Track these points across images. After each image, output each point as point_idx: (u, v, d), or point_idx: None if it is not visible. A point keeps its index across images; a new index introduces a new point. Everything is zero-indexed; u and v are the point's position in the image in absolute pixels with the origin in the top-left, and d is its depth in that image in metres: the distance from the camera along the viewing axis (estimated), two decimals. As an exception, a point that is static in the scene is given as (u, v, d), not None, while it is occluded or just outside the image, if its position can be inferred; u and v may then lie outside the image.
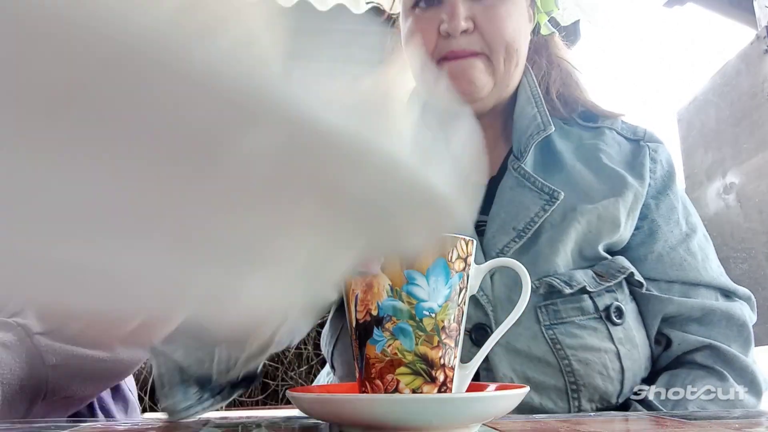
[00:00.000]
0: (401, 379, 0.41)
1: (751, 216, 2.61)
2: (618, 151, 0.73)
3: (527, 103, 0.74)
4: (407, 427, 0.42)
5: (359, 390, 0.45)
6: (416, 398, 0.42)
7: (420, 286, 0.40)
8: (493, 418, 0.46)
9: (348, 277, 0.42)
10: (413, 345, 0.41)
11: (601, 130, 0.75)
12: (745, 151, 2.62)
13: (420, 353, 0.41)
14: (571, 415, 0.64)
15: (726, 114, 2.76)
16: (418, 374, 0.41)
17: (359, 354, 0.43)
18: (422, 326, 0.41)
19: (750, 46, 2.61)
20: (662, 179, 0.72)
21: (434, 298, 0.41)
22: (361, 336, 0.42)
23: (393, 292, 0.40)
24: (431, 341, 0.41)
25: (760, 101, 2.53)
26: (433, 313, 0.41)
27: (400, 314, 0.40)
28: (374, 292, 0.41)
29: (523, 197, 0.68)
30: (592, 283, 0.64)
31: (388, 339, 0.41)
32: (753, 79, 2.57)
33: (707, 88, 2.93)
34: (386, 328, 0.41)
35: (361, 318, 0.42)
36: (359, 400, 0.43)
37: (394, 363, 0.41)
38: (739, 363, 0.65)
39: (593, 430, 0.47)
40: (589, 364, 0.62)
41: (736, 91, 2.68)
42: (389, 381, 0.41)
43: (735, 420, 0.55)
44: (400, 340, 0.41)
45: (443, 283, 0.41)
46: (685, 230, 0.71)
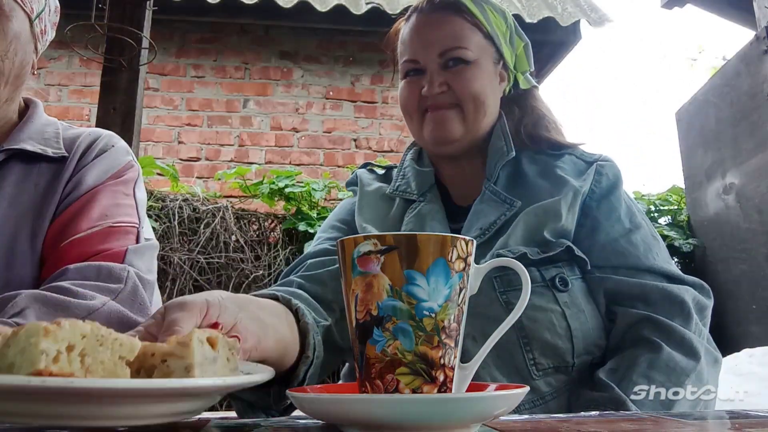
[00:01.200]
0: (401, 379, 0.41)
1: (751, 216, 2.61)
2: (572, 168, 0.93)
3: (498, 139, 0.95)
4: (407, 427, 0.42)
5: (359, 390, 0.45)
6: (416, 398, 0.42)
7: (420, 286, 0.41)
8: (493, 418, 0.46)
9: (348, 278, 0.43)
10: (413, 345, 0.41)
11: (563, 154, 0.95)
12: (745, 152, 2.62)
13: (420, 353, 0.41)
14: (571, 415, 0.65)
15: (726, 114, 2.76)
16: (418, 374, 0.41)
17: (359, 354, 0.43)
18: (422, 326, 0.41)
19: (750, 46, 2.61)
20: (606, 187, 0.90)
21: (434, 298, 0.41)
22: (361, 336, 0.42)
23: (393, 292, 0.40)
24: (431, 341, 0.41)
25: (760, 102, 2.53)
26: (433, 313, 0.41)
27: (400, 314, 0.41)
28: (374, 292, 0.41)
29: (489, 207, 0.88)
30: (534, 253, 0.80)
31: (388, 339, 0.41)
32: (753, 79, 2.57)
33: (707, 89, 2.93)
34: (386, 328, 0.41)
35: (361, 318, 0.42)
36: (359, 400, 0.43)
37: (394, 363, 0.41)
38: (677, 333, 0.77)
39: (593, 430, 0.47)
40: (537, 320, 0.77)
41: (736, 92, 2.68)
42: (389, 381, 0.41)
43: (735, 420, 0.55)
44: (400, 340, 0.41)
45: (443, 283, 0.41)
46: (627, 226, 0.87)
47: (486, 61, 0.93)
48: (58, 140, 0.88)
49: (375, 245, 0.41)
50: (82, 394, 0.36)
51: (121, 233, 0.82)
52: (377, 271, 0.41)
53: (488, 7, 0.95)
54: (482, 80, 0.91)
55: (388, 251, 0.41)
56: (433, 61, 0.91)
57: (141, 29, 1.98)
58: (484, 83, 0.91)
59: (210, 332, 0.45)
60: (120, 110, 1.97)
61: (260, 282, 2.56)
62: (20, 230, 0.80)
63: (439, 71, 0.91)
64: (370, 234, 0.43)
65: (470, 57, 0.91)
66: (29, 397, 0.36)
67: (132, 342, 0.42)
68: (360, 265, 0.42)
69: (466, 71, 0.90)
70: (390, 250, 0.41)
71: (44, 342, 0.37)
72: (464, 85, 0.90)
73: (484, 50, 0.93)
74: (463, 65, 0.91)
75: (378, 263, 0.41)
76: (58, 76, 3.83)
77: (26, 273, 0.79)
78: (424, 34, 0.92)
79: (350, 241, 0.43)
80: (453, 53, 0.90)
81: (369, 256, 0.41)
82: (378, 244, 0.41)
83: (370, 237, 0.42)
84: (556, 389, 0.78)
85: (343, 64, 4.11)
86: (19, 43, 0.82)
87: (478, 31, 0.93)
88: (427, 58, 0.91)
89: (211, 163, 3.82)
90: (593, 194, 0.90)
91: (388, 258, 0.41)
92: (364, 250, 0.42)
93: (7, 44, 0.80)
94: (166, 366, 0.42)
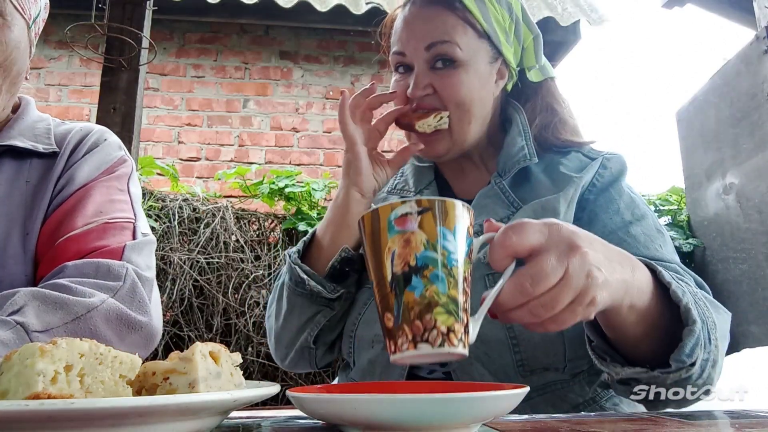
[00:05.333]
0: (438, 317, 0.47)
1: (751, 216, 2.61)
2: (577, 165, 0.91)
3: (518, 135, 0.92)
4: (407, 427, 0.42)
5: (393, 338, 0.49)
6: (416, 398, 0.42)
7: (449, 240, 0.48)
8: (493, 418, 0.46)
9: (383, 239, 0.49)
10: (446, 289, 0.47)
11: (569, 152, 0.94)
12: (745, 152, 2.62)
13: (451, 296, 0.47)
14: (571, 415, 0.65)
15: (726, 114, 2.76)
16: (450, 314, 0.47)
17: (395, 302, 0.48)
18: (452, 274, 0.48)
19: (750, 46, 2.60)
20: (608, 180, 0.88)
21: (459, 252, 0.49)
22: (397, 287, 0.48)
23: (429, 245, 0.48)
24: (458, 287, 0.48)
25: (760, 101, 2.53)
26: (459, 264, 0.48)
27: (435, 263, 0.47)
28: (412, 246, 0.48)
29: (495, 204, 0.87)
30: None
31: (425, 284, 0.47)
32: (752, 79, 2.57)
33: (707, 89, 2.93)
34: (424, 275, 0.47)
35: (398, 270, 0.48)
36: (359, 400, 0.43)
37: (431, 304, 0.47)
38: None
39: (593, 430, 0.47)
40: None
41: (736, 92, 2.67)
42: (428, 320, 0.47)
43: (735, 420, 0.55)
44: (436, 285, 0.47)
45: (464, 241, 0.50)
46: (627, 219, 0.84)
47: (478, 62, 0.89)
48: (49, 136, 0.87)
49: (412, 207, 0.48)
50: (83, 417, 0.33)
51: (117, 229, 0.82)
52: (415, 229, 0.48)
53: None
54: (470, 84, 0.87)
55: (424, 212, 0.48)
56: (420, 56, 0.88)
57: (141, 29, 1.98)
58: (471, 87, 0.88)
59: (213, 346, 0.43)
60: (120, 110, 1.97)
61: (260, 282, 2.56)
62: (12, 228, 0.80)
63: (426, 71, 0.88)
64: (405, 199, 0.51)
65: (459, 55, 0.87)
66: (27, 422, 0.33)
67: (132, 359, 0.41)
68: (397, 225, 0.48)
69: (453, 75, 0.87)
70: (425, 211, 0.48)
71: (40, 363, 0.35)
72: (450, 91, 0.87)
73: (476, 49, 0.89)
74: (450, 67, 0.87)
75: (416, 222, 0.48)
76: (58, 76, 3.83)
77: (18, 271, 0.78)
78: (412, 27, 0.89)
79: (386, 207, 0.49)
80: (440, 48, 0.87)
81: (406, 216, 0.48)
82: (415, 206, 0.48)
83: (406, 201, 0.49)
84: (543, 386, 0.77)
85: (343, 64, 4.11)
86: (18, 52, 0.81)
87: (470, 29, 0.88)
88: (414, 53, 0.88)
89: (211, 163, 3.82)
90: (593, 187, 0.88)
91: (424, 218, 0.48)
92: (402, 211, 0.48)
93: (7, 54, 0.79)
94: (169, 384, 0.40)
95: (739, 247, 2.71)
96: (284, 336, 0.91)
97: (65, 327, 0.68)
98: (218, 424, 0.44)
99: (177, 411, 0.37)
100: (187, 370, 0.40)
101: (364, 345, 0.86)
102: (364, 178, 0.87)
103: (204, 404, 0.38)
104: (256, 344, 2.49)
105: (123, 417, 0.34)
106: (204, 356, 0.41)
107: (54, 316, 0.68)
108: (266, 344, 2.49)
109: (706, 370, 0.62)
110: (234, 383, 0.44)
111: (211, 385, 0.40)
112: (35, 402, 0.32)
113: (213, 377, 0.41)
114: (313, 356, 0.92)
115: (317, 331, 0.88)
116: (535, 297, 0.50)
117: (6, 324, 0.64)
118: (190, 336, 2.44)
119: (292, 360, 0.93)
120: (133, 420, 0.35)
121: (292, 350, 0.91)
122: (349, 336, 0.89)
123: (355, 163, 0.87)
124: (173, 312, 2.43)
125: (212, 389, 0.40)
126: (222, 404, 0.39)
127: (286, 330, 0.90)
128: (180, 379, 0.40)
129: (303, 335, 0.88)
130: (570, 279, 0.50)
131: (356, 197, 0.87)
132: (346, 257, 0.84)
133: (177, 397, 0.37)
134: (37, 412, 0.31)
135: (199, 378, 0.40)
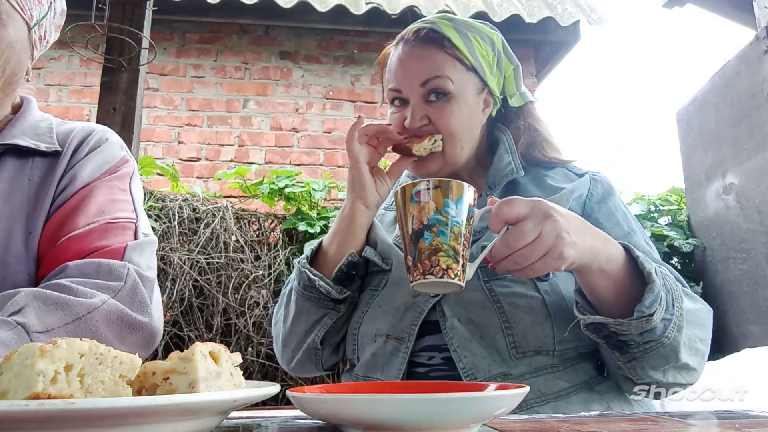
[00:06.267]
0: (441, 259, 0.67)
1: (751, 216, 2.61)
2: (563, 178, 1.01)
3: (505, 152, 1.04)
4: (407, 427, 0.42)
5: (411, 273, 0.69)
6: (416, 398, 0.42)
7: (452, 208, 0.68)
8: (493, 418, 0.46)
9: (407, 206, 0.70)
10: (448, 240, 0.67)
11: (554, 167, 1.04)
12: (745, 152, 2.62)
13: (451, 245, 0.67)
14: (571, 415, 0.65)
15: (726, 114, 2.76)
16: (450, 257, 0.67)
17: (413, 249, 0.69)
18: (453, 231, 0.68)
19: (750, 46, 2.60)
20: (602, 194, 0.98)
21: (459, 216, 0.69)
22: (415, 238, 0.68)
23: (437, 211, 0.68)
24: (457, 240, 0.68)
25: (760, 102, 2.53)
26: (459, 224, 0.68)
27: (440, 223, 0.68)
28: (425, 211, 0.68)
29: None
30: None
31: (433, 237, 0.67)
32: (752, 79, 2.57)
33: (707, 89, 2.93)
34: (432, 231, 0.67)
35: (416, 227, 0.69)
36: (359, 400, 0.43)
37: (437, 250, 0.67)
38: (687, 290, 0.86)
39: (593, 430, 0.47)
40: (518, 306, 0.85)
41: (736, 92, 2.67)
42: (434, 260, 0.67)
43: (735, 420, 0.55)
44: (441, 237, 0.67)
45: (465, 210, 0.69)
46: (626, 229, 0.94)
47: (467, 93, 0.97)
48: (51, 135, 0.87)
49: (427, 185, 0.69)
50: (83, 417, 0.33)
51: (119, 229, 0.82)
52: (428, 199, 0.68)
53: (474, 36, 0.99)
54: (461, 114, 0.96)
55: (435, 188, 0.69)
56: (416, 91, 0.96)
57: (141, 29, 1.98)
58: (463, 117, 0.96)
59: (213, 346, 0.43)
60: (120, 110, 1.97)
61: (260, 282, 2.56)
62: (15, 226, 0.80)
63: (421, 104, 0.96)
64: (424, 179, 0.71)
65: (450, 88, 0.95)
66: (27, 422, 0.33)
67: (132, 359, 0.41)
68: (416, 197, 0.69)
69: (446, 107, 0.95)
70: (437, 187, 0.69)
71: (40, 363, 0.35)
72: (443, 121, 0.95)
73: (465, 82, 0.97)
74: (444, 100, 0.95)
75: (429, 195, 0.68)
76: (58, 76, 3.83)
77: (21, 270, 0.78)
78: (407, 66, 0.97)
79: (410, 185, 0.70)
80: (434, 82, 0.95)
81: (422, 191, 0.69)
82: (430, 184, 0.69)
83: (423, 181, 0.69)
84: (535, 370, 0.83)
85: (343, 64, 4.11)
86: (13, 52, 0.81)
87: (459, 63, 0.97)
88: (410, 89, 0.97)
89: (211, 163, 3.82)
90: (592, 198, 0.97)
91: (435, 192, 0.68)
92: (421, 188, 0.69)
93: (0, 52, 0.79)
94: (169, 384, 0.40)
95: (739, 247, 2.71)
96: (291, 339, 0.98)
97: (66, 328, 0.68)
98: (218, 424, 0.44)
99: (177, 411, 0.37)
100: (187, 370, 0.40)
101: (367, 340, 0.93)
102: (368, 192, 0.95)
103: (204, 404, 0.38)
104: (256, 344, 2.49)
105: (123, 417, 0.34)
106: (204, 356, 0.41)
107: (55, 317, 0.68)
108: (266, 344, 2.49)
109: (669, 330, 0.74)
110: (234, 383, 0.44)
111: (211, 386, 0.40)
112: (35, 402, 0.32)
113: (213, 377, 0.41)
114: (320, 357, 0.98)
115: (324, 332, 0.95)
116: (516, 250, 0.68)
117: (7, 324, 0.64)
118: (190, 336, 2.45)
119: (299, 362, 1.00)
120: (133, 420, 0.35)
121: (299, 352, 0.98)
122: (353, 334, 0.95)
123: (359, 179, 0.95)
124: (173, 312, 2.43)
125: (212, 389, 0.40)
126: (222, 404, 0.39)
127: (294, 333, 0.97)
128: (180, 379, 0.40)
129: (310, 337, 0.96)
130: (543, 238, 0.67)
131: (362, 209, 0.96)
132: (352, 261, 0.93)
133: (177, 397, 0.36)
134: (37, 412, 0.31)
135: (199, 378, 0.40)
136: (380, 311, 0.92)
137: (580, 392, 0.83)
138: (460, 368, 0.83)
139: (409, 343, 0.87)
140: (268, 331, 2.49)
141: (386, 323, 0.90)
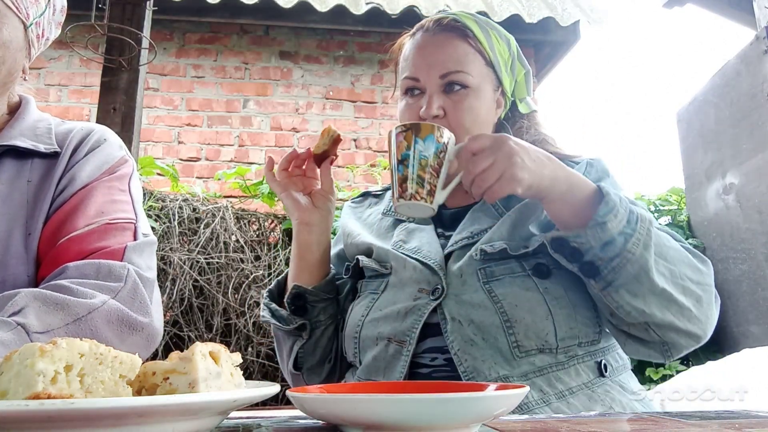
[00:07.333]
0: (410, 185, 0.79)
1: (751, 216, 2.60)
2: None
3: None
4: (407, 427, 0.42)
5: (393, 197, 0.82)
6: (416, 398, 0.42)
7: (419, 144, 0.80)
8: (493, 418, 0.46)
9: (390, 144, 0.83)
10: (416, 170, 0.80)
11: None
12: (745, 152, 2.62)
13: (419, 175, 0.80)
14: (571, 415, 0.65)
15: (726, 114, 2.76)
16: (418, 184, 0.80)
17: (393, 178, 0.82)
18: (420, 164, 0.80)
19: (750, 46, 2.60)
20: (595, 177, 0.97)
21: (427, 150, 0.80)
22: (394, 170, 0.82)
23: (408, 147, 0.80)
24: (424, 170, 0.80)
25: (760, 102, 2.53)
26: (426, 157, 0.80)
27: (411, 156, 0.80)
28: (402, 147, 0.81)
29: (485, 215, 0.97)
30: (515, 247, 0.89)
31: (404, 168, 0.80)
32: (752, 79, 2.57)
33: (707, 89, 2.93)
34: (404, 164, 0.80)
35: (395, 161, 0.81)
36: (359, 400, 0.43)
37: (407, 178, 0.80)
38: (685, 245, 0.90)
39: (593, 430, 0.47)
40: (519, 305, 0.85)
41: (736, 92, 2.67)
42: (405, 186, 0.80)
43: (735, 420, 0.55)
44: (410, 169, 0.80)
45: (432, 145, 0.81)
46: None
47: (486, 88, 0.96)
48: (50, 136, 0.87)
49: (402, 128, 0.82)
50: (83, 417, 0.33)
51: (118, 230, 0.82)
52: (402, 140, 0.81)
53: (493, 33, 0.98)
54: (479, 110, 0.95)
55: (407, 130, 0.81)
56: (434, 82, 0.94)
57: (141, 29, 1.98)
58: (480, 113, 0.95)
59: (213, 346, 0.43)
60: (120, 110, 1.97)
61: (260, 282, 2.56)
62: (14, 228, 0.79)
63: (439, 94, 0.94)
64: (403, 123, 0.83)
65: (470, 82, 0.94)
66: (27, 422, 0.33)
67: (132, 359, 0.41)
68: (395, 138, 0.82)
69: (464, 100, 0.94)
70: (408, 129, 0.81)
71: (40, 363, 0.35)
72: (460, 115, 0.93)
73: (485, 77, 0.96)
74: (463, 91, 0.94)
75: (402, 136, 0.81)
76: (58, 76, 3.83)
77: (21, 271, 0.78)
78: (427, 54, 0.95)
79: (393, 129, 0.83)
80: (454, 77, 0.93)
81: (399, 133, 0.81)
82: (402, 127, 0.82)
83: (400, 125, 0.82)
84: (539, 369, 0.83)
85: (343, 64, 4.11)
86: (8, 51, 0.81)
87: (480, 57, 0.95)
88: (428, 79, 0.94)
89: (211, 163, 3.82)
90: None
91: (406, 134, 0.81)
92: (398, 131, 0.82)
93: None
94: (169, 384, 0.40)
95: (739, 247, 2.71)
96: (281, 365, 1.06)
97: (66, 328, 0.68)
98: (218, 424, 0.44)
99: (177, 411, 0.37)
100: (187, 370, 0.40)
101: (368, 344, 0.93)
102: (304, 212, 0.98)
103: (204, 404, 0.37)
104: (256, 344, 2.49)
105: (123, 417, 0.34)
106: (204, 356, 0.41)
107: (55, 318, 0.68)
108: (266, 344, 2.49)
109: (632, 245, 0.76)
110: (234, 383, 0.44)
111: (211, 386, 0.40)
112: (35, 402, 0.31)
113: (213, 377, 0.41)
114: (302, 380, 1.02)
115: (294, 358, 1.00)
116: (477, 175, 0.76)
117: (7, 325, 0.64)
118: (190, 336, 2.45)
119: (292, 384, 1.05)
120: (133, 420, 0.35)
121: (288, 375, 1.05)
122: (353, 338, 0.95)
123: (290, 204, 0.99)
124: (173, 312, 2.43)
125: (212, 389, 0.40)
126: (222, 404, 0.39)
127: (281, 360, 1.05)
128: (180, 379, 0.40)
129: (289, 363, 1.02)
130: (496, 163, 0.75)
131: (305, 229, 0.99)
132: (296, 293, 0.97)
133: (177, 397, 0.36)
134: (37, 412, 0.31)
135: (199, 378, 0.39)
136: (381, 315, 0.92)
137: (581, 393, 0.83)
138: (461, 371, 0.83)
139: (411, 346, 0.87)
140: (268, 331, 2.49)
141: (387, 327, 0.90)
